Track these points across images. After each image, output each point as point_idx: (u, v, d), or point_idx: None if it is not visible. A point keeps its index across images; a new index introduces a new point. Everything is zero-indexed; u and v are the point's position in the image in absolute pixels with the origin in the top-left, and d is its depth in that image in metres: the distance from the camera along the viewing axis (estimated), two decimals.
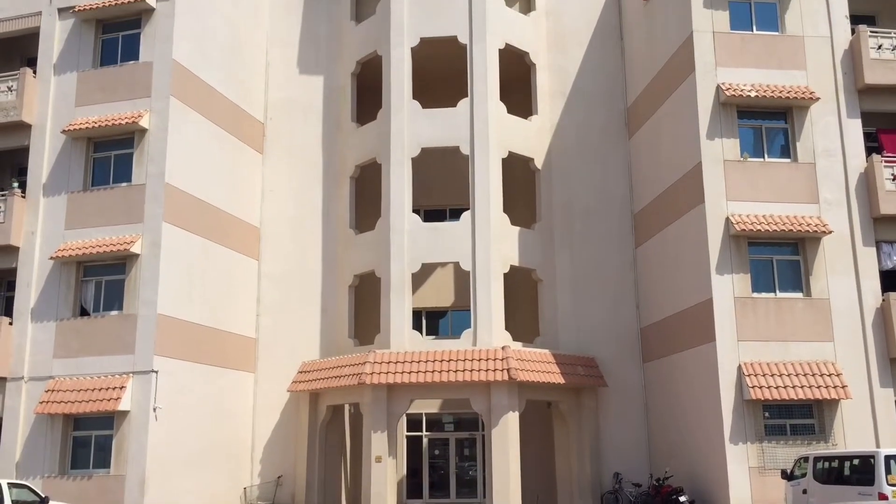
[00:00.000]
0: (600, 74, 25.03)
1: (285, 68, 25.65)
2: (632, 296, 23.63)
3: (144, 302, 20.22)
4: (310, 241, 24.48)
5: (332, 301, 24.03)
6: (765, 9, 21.02)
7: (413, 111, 23.00)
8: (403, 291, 22.03)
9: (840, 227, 19.79)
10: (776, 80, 20.40)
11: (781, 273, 19.83)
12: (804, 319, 19.33)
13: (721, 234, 19.51)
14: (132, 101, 21.38)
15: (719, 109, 20.15)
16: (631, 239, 23.98)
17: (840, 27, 20.90)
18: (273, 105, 25.43)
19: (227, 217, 23.12)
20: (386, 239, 22.45)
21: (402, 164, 22.70)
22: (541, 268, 23.49)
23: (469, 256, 22.18)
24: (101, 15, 22.07)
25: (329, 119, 25.16)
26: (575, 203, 24.21)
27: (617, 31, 25.24)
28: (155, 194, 20.70)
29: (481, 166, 22.53)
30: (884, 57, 20.47)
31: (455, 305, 24.49)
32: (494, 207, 22.42)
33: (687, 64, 20.69)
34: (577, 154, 24.46)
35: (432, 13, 23.55)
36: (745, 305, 19.22)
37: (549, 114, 24.66)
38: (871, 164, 19.97)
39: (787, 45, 20.73)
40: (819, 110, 20.37)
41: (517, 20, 24.40)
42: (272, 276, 24.37)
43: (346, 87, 25.05)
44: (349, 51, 25.10)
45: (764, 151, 20.40)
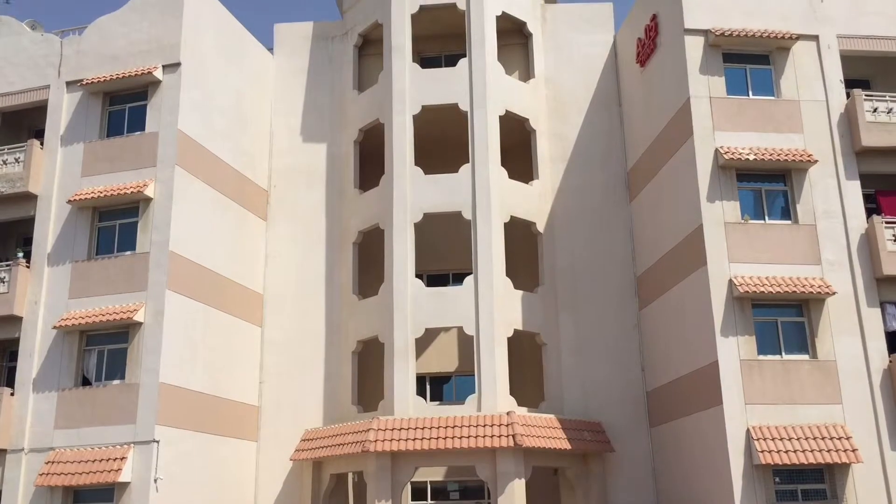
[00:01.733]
0: (600, 139, 25.35)
1: (289, 136, 26.02)
2: (637, 359, 23.49)
3: (147, 370, 20.12)
4: (313, 307, 24.47)
5: (335, 367, 23.90)
6: (760, 74, 21.40)
7: (415, 177, 23.24)
8: (407, 357, 21.93)
9: (844, 289, 19.78)
10: (774, 143, 20.64)
11: (787, 335, 19.74)
12: (812, 382, 19.17)
13: (724, 296, 19.49)
14: (138, 171, 21.64)
15: (718, 172, 20.34)
16: (634, 301, 23.94)
17: (835, 91, 21.24)
18: (277, 172, 25.72)
19: (231, 284, 23.17)
20: (389, 304, 22.44)
21: (404, 229, 22.83)
22: (545, 331, 23.41)
23: (472, 321, 22.13)
24: (108, 87, 22.52)
25: (332, 185, 25.42)
26: (578, 266, 24.26)
27: (615, 97, 25.65)
28: (159, 262, 20.79)
29: (483, 231, 22.66)
30: (880, 120, 20.75)
31: (459, 370, 24.32)
32: (497, 271, 22.46)
33: (685, 128, 20.97)
34: (579, 217, 24.61)
35: (433, 81, 24.00)
36: (752, 368, 19.08)
37: (550, 178, 24.90)
38: (872, 226, 20.07)
39: (783, 109, 21.04)
40: (818, 172, 20.56)
41: (517, 87, 24.82)
42: (275, 342, 24.29)
43: (348, 154, 25.38)
44: (352, 119, 25.49)
45: (764, 213, 20.52)
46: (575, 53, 25.94)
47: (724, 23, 21.23)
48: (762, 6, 21.66)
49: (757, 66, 21.47)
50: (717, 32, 20.96)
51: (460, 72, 23.95)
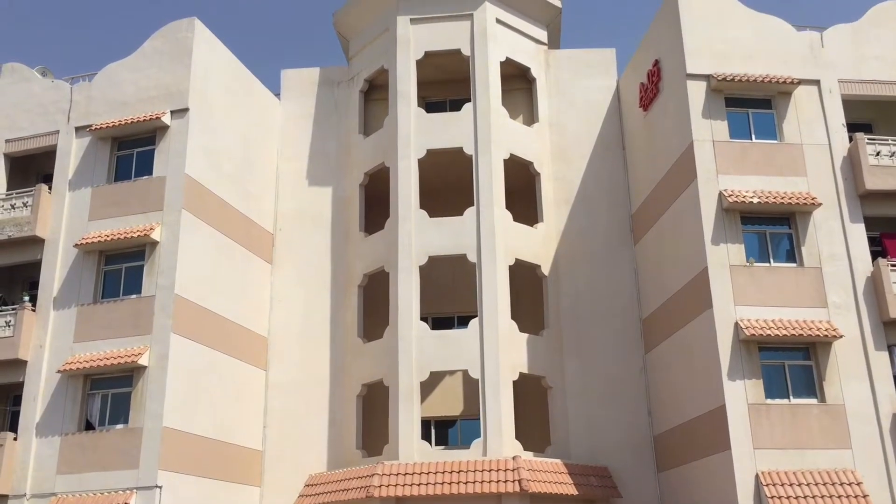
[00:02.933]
0: (604, 182, 25.48)
1: (295, 180, 26.21)
2: (643, 402, 23.31)
3: (150, 415, 20.02)
4: (318, 351, 24.40)
5: (339, 411, 23.75)
6: (762, 118, 21.57)
7: (420, 220, 23.34)
8: (412, 400, 21.80)
9: (851, 332, 19.67)
10: (777, 186, 20.72)
11: (794, 378, 19.60)
12: (820, 426, 18.97)
13: (731, 339, 19.40)
14: (145, 215, 21.78)
15: (723, 215, 20.39)
16: (640, 344, 23.84)
17: (838, 135, 21.37)
18: (282, 216, 25.85)
19: (236, 327, 23.14)
20: (394, 347, 22.38)
21: (409, 272, 22.86)
22: (550, 375, 23.28)
23: (478, 364, 22.04)
24: (117, 133, 22.78)
25: (337, 229, 25.53)
26: (583, 309, 24.21)
27: (619, 140, 25.84)
28: (164, 306, 20.81)
29: (488, 274, 22.67)
30: (883, 163, 20.84)
31: (464, 414, 24.13)
32: (502, 314, 22.42)
33: (689, 171, 21.08)
34: (584, 260, 24.63)
35: (438, 126, 24.23)
36: (759, 412, 18.91)
37: (554, 221, 24.98)
38: (878, 268, 20.03)
39: (786, 152, 21.17)
40: (822, 215, 20.60)
41: (521, 131, 25.04)
42: (279, 386, 24.19)
43: (353, 197, 25.53)
44: (357, 162, 25.69)
45: (769, 256, 20.52)
46: (578, 98, 26.21)
47: (725, 68, 21.46)
48: (763, 51, 21.92)
49: (759, 110, 21.65)
50: (718, 77, 21.18)
51: (465, 116, 24.19)
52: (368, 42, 26.30)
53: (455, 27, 24.98)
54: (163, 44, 23.33)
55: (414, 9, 25.16)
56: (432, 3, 25.15)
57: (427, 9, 25.15)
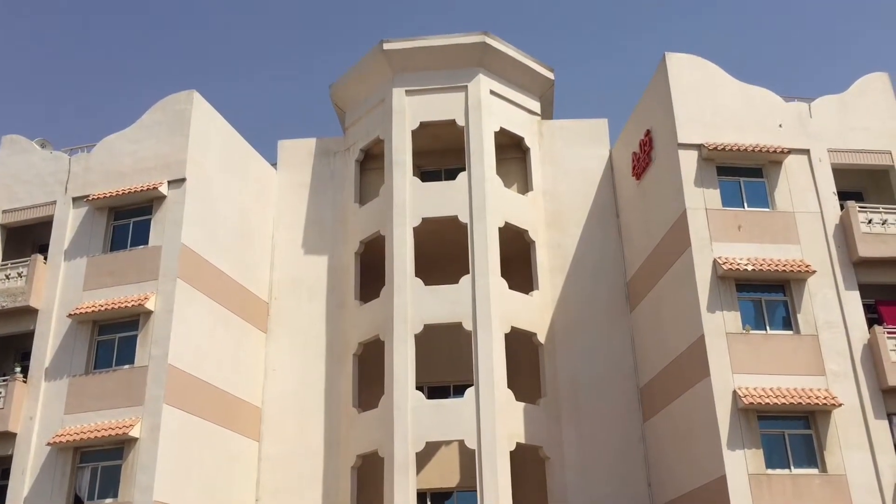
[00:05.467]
0: (599, 250, 25.58)
1: (291, 249, 26.26)
2: (643, 473, 22.94)
3: (140, 488, 19.61)
4: (312, 421, 24.08)
5: (333, 483, 23.31)
6: (754, 186, 21.82)
7: (415, 288, 23.32)
8: (408, 471, 21.43)
9: (850, 400, 19.52)
10: (771, 254, 20.83)
11: (795, 448, 19.37)
12: (822, 497, 18.65)
13: (729, 408, 19.22)
14: (139, 284, 21.74)
15: (717, 283, 20.43)
16: (639, 413, 23.59)
17: (829, 203, 21.60)
18: (278, 285, 25.83)
19: (229, 398, 22.88)
20: (389, 417, 22.10)
21: (405, 340, 22.74)
22: (548, 445, 22.96)
23: (474, 434, 21.74)
24: (113, 203, 22.90)
25: (333, 297, 25.47)
26: (580, 377, 24.02)
27: (612, 209, 26.04)
28: (157, 376, 20.60)
29: (484, 342, 22.56)
30: (875, 231, 21.01)
31: (460, 486, 23.67)
32: (499, 383, 22.23)
33: (682, 239, 21.19)
34: (580, 328, 24.55)
35: (433, 194, 24.44)
36: (761, 483, 18.61)
37: (550, 289, 24.98)
38: (874, 336, 19.99)
39: (778, 220, 21.35)
40: (816, 283, 20.65)
41: (515, 200, 25.25)
42: (273, 457, 23.78)
43: (349, 265, 25.56)
44: (353, 231, 25.81)
45: (766, 324, 20.50)
46: (572, 167, 26.52)
47: (716, 137, 21.79)
48: (753, 121, 22.30)
49: (751, 179, 21.92)
50: (710, 147, 21.49)
51: (460, 185, 24.42)
52: (364, 113, 26.71)
53: (449, 98, 25.41)
54: (162, 115, 23.66)
55: (409, 81, 25.63)
56: (427, 75, 25.63)
57: (422, 81, 25.62)
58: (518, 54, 26.17)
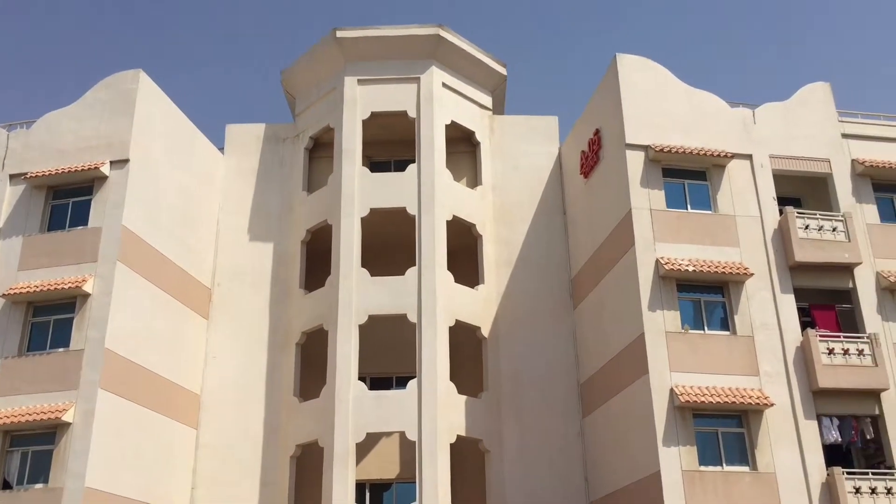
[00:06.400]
0: (545, 246, 25.79)
1: (235, 235, 25.91)
2: (580, 468, 23.25)
3: (72, 475, 19.19)
4: (252, 410, 23.82)
5: (272, 473, 23.11)
6: (697, 189, 22.21)
7: (361, 279, 23.24)
8: (347, 462, 21.36)
9: (781, 401, 20.04)
10: (712, 255, 21.23)
11: (727, 446, 19.77)
12: (752, 494, 19.11)
13: (666, 405, 19.55)
14: (77, 266, 21.26)
15: (659, 282, 20.75)
16: (578, 409, 23.88)
17: (768, 208, 22.11)
18: (221, 271, 25.46)
19: (167, 384, 22.50)
20: (330, 407, 21.99)
21: (349, 331, 22.64)
22: (488, 438, 23.10)
23: (415, 426, 21.78)
24: (53, 182, 22.32)
25: (277, 285, 25.22)
26: (522, 372, 24.21)
27: (559, 206, 26.28)
28: (93, 360, 20.16)
29: (428, 334, 22.58)
30: (811, 236, 21.56)
31: (400, 477, 23.70)
32: (441, 376, 22.29)
33: (627, 239, 21.48)
34: (524, 323, 24.73)
35: (382, 185, 24.35)
36: (693, 479, 18.99)
37: (495, 283, 25.11)
38: (807, 339, 20.54)
39: (720, 223, 21.77)
40: (754, 285, 21.13)
41: (464, 194, 25.30)
42: (211, 446, 23.47)
43: (295, 254, 25.33)
44: (300, 219, 25.57)
45: (704, 324, 20.89)
46: (521, 163, 26.67)
47: (663, 139, 22.12)
48: (699, 125, 22.69)
49: (695, 182, 22.30)
50: (656, 148, 21.80)
51: (409, 177, 24.37)
52: (315, 100, 26.46)
53: (402, 89, 25.33)
54: (106, 94, 23.11)
55: (361, 70, 25.47)
56: (380, 65, 25.51)
57: (374, 70, 25.49)
58: (472, 48, 26.20)
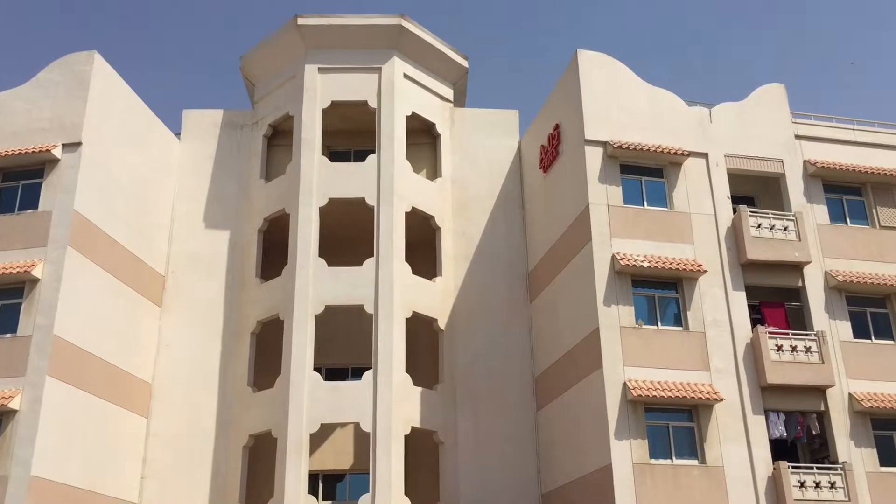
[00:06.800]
0: (503, 240, 25.89)
1: (191, 222, 25.55)
2: (533, 460, 23.43)
3: (18, 463, 18.79)
4: (205, 399, 23.55)
5: (224, 463, 22.90)
6: (654, 186, 22.47)
7: (318, 269, 23.09)
8: (301, 453, 21.25)
9: (731, 396, 20.41)
10: (667, 252, 21.52)
11: (677, 439, 20.08)
12: (700, 487, 19.47)
13: (619, 399, 19.79)
14: (27, 251, 20.79)
15: (615, 278, 20.96)
16: (533, 402, 24.05)
17: (723, 206, 22.46)
18: (175, 258, 25.10)
19: (118, 372, 22.13)
20: (285, 397, 21.85)
21: (304, 321, 22.50)
22: (442, 430, 23.16)
23: (370, 417, 21.74)
24: (2, 163, 21.77)
25: (232, 274, 24.94)
26: (478, 365, 24.31)
27: (518, 200, 26.39)
28: (41, 347, 19.75)
29: (385, 326, 22.54)
30: (763, 235, 21.97)
31: (354, 468, 23.67)
32: (397, 367, 22.27)
33: (584, 233, 21.66)
34: (480, 316, 24.82)
35: (341, 175, 24.21)
36: (644, 472, 19.27)
37: (453, 276, 25.15)
38: (757, 336, 20.94)
39: (675, 220, 22.06)
40: (707, 282, 21.47)
41: (424, 185, 25.26)
42: (162, 435, 23.16)
43: (251, 242, 25.07)
44: (257, 208, 25.30)
45: (657, 319, 21.17)
46: (481, 156, 26.72)
47: (621, 136, 22.32)
48: (657, 123, 22.94)
49: (651, 179, 22.55)
50: (614, 145, 22.00)
51: (369, 167, 24.26)
52: (275, 88, 26.18)
53: (363, 79, 25.19)
54: (59, 75, 22.59)
55: (322, 58, 25.26)
56: (341, 54, 25.33)
57: (336, 59, 25.30)
58: (434, 40, 26.15)
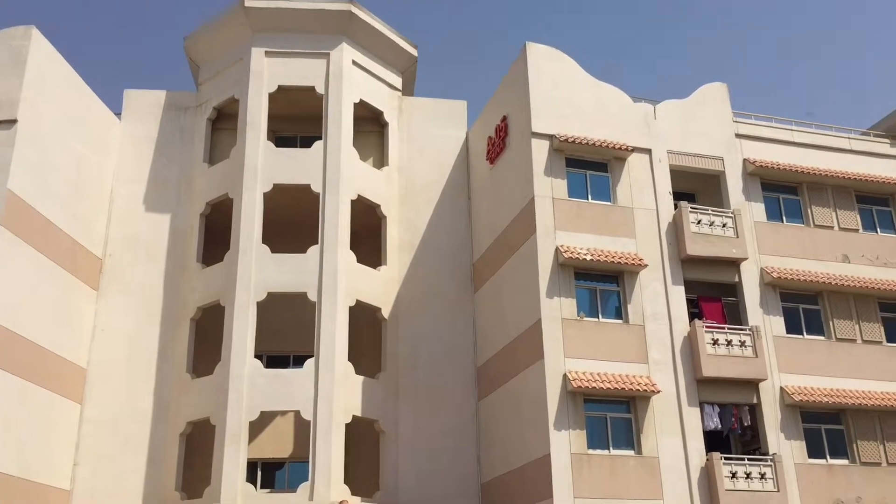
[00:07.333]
0: (448, 230, 25.92)
1: (130, 205, 24.97)
2: (473, 450, 23.58)
3: None
4: (141, 385, 23.10)
5: (160, 450, 22.51)
6: (598, 180, 22.74)
7: (261, 255, 22.83)
8: (239, 440, 21.02)
9: (667, 388, 20.82)
10: (609, 245, 21.81)
11: (615, 430, 20.41)
12: (636, 477, 19.84)
13: (559, 390, 20.01)
14: None
15: (558, 270, 21.17)
16: (474, 392, 24.19)
17: (664, 202, 22.84)
18: (113, 241, 24.52)
19: (50, 356, 21.55)
20: (224, 384, 21.57)
21: (246, 307, 22.23)
22: (384, 419, 23.14)
23: (311, 405, 21.60)
24: None
25: (173, 258, 24.47)
26: (421, 354, 24.33)
27: (465, 190, 26.45)
28: None
29: (328, 314, 22.40)
30: (702, 231, 22.43)
31: (293, 457, 23.53)
32: (339, 356, 22.16)
33: (528, 226, 21.82)
34: (425, 306, 24.83)
35: (287, 161, 23.94)
36: (581, 462, 19.55)
37: (397, 265, 25.10)
38: (694, 330, 21.39)
39: (618, 214, 22.37)
40: (647, 276, 21.83)
41: (370, 173, 25.13)
42: (96, 421, 22.64)
43: (193, 227, 24.63)
44: (199, 191, 24.86)
45: (599, 312, 21.45)
46: (428, 146, 26.68)
47: (567, 130, 22.51)
48: (603, 118, 23.20)
49: (596, 173, 22.81)
50: (561, 138, 22.18)
51: (315, 154, 24.04)
52: (220, 70, 25.73)
53: (311, 64, 24.92)
54: None
55: (270, 42, 24.91)
56: (289, 38, 25.01)
57: (283, 43, 24.98)
58: (383, 27, 25.99)
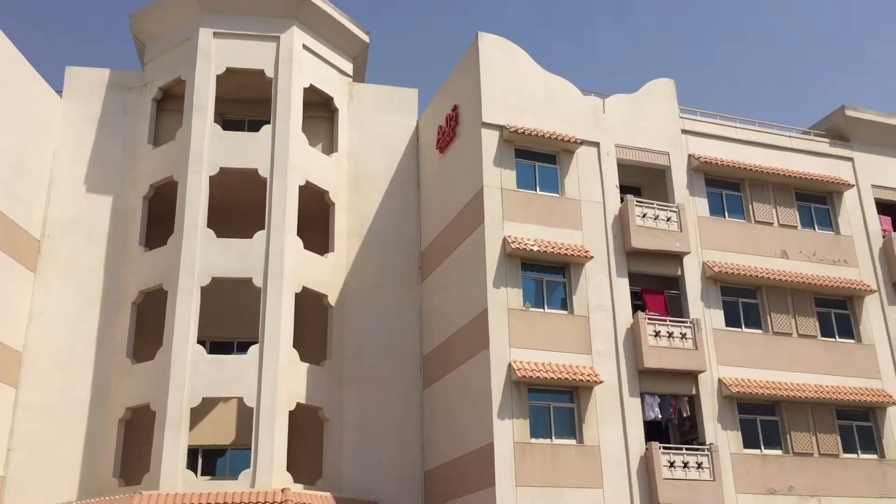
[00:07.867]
0: (397, 218, 25.88)
1: (71, 185, 24.36)
2: (418, 438, 23.65)
3: None
4: (79, 370, 22.62)
5: (98, 436, 22.09)
6: (547, 172, 22.90)
7: (206, 239, 22.50)
8: (180, 427, 20.74)
9: (610, 378, 21.13)
10: (556, 237, 22.02)
11: (558, 420, 20.66)
12: (577, 466, 20.13)
13: (503, 379, 20.17)
14: None
15: (505, 260, 21.31)
16: (419, 381, 24.24)
17: (611, 195, 23.12)
18: (52, 223, 23.90)
19: None
20: (165, 370, 21.25)
21: (190, 291, 21.90)
22: (328, 406, 23.06)
23: (254, 392, 21.42)
24: None
25: (114, 241, 23.95)
26: (366, 342, 24.28)
27: (414, 179, 26.41)
28: None
29: (273, 300, 22.20)
30: (647, 224, 22.77)
31: (235, 444, 23.31)
32: (284, 342, 22.00)
33: (477, 216, 21.89)
34: (371, 294, 24.77)
35: (234, 144, 23.61)
36: (524, 451, 19.75)
37: (345, 252, 24.97)
38: (637, 321, 21.73)
39: (565, 206, 22.58)
40: (593, 268, 22.10)
41: (319, 159, 24.92)
42: (31, 406, 22.11)
43: (136, 209, 24.15)
44: (143, 173, 24.37)
45: (544, 302, 21.65)
46: (378, 133, 26.56)
47: (517, 121, 22.61)
48: (553, 110, 23.37)
49: (544, 164, 22.97)
50: (510, 129, 22.28)
51: (263, 138, 23.75)
52: (166, 49, 25.21)
53: (260, 47, 24.58)
54: None
55: (218, 23, 24.50)
56: (238, 19, 24.62)
57: (232, 24, 24.58)
58: (335, 12, 25.76)
